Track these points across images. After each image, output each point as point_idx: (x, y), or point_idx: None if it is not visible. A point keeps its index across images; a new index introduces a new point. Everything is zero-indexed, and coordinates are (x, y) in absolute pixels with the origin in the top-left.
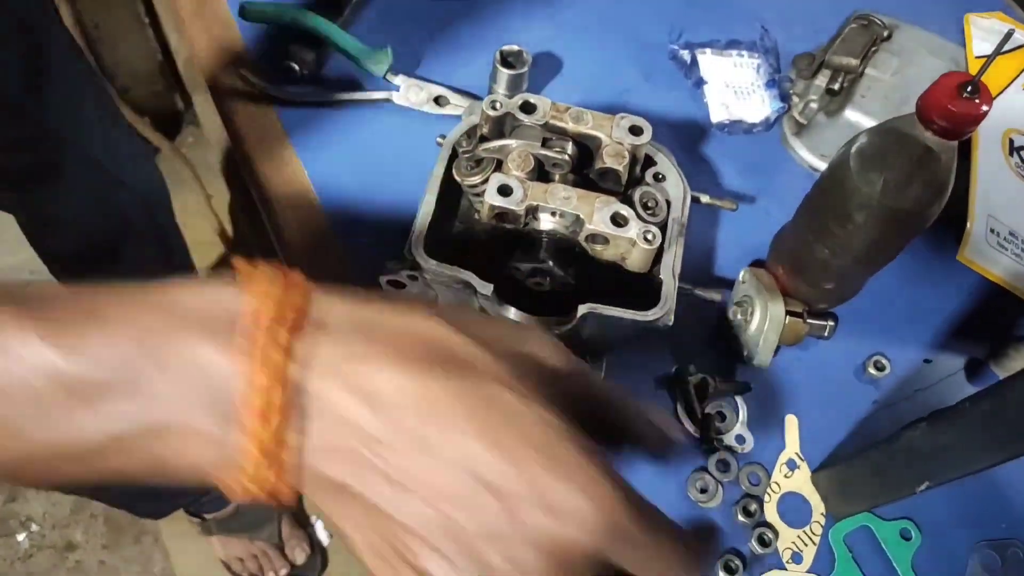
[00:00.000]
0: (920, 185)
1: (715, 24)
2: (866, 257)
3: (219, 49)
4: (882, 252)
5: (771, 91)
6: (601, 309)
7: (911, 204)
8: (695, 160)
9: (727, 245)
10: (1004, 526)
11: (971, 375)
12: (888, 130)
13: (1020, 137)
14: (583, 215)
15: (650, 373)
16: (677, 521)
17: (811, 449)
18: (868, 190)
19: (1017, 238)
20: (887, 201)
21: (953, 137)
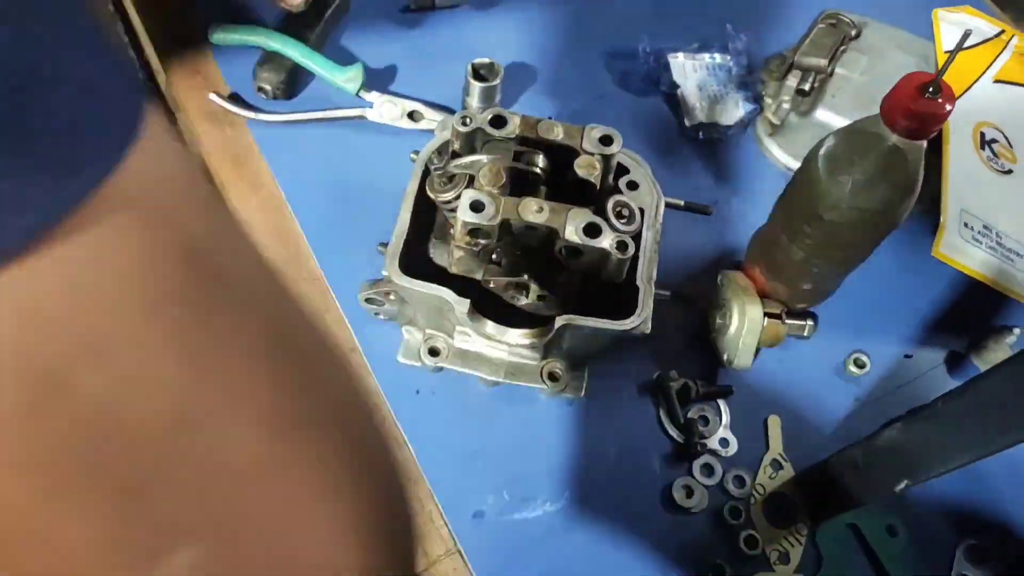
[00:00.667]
0: (889, 185)
1: (686, 28)
2: (840, 257)
3: (190, 72)
4: (856, 251)
5: (744, 93)
6: (578, 320)
7: (880, 204)
8: (670, 165)
9: (704, 249)
10: (988, 520)
11: (952, 368)
12: (855, 131)
13: (991, 130)
14: (556, 227)
15: (632, 379)
16: (663, 528)
17: (795, 449)
18: (837, 192)
19: (991, 231)
20: (856, 202)
21: (919, 137)
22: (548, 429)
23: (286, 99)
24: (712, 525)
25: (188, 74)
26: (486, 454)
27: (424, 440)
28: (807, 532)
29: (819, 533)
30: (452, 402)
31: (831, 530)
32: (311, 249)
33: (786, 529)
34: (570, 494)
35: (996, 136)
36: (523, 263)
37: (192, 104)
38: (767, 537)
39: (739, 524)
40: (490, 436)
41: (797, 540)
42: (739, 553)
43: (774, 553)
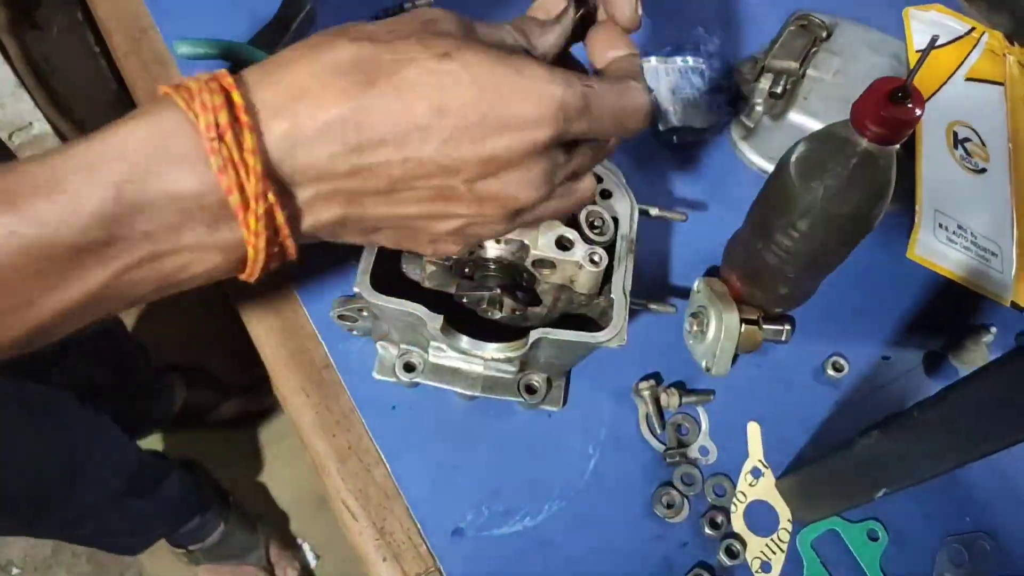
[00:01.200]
0: (860, 189)
1: (658, 31)
2: (815, 262)
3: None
4: (830, 256)
5: (717, 97)
6: (553, 334)
7: (852, 209)
8: (644, 171)
9: (681, 255)
10: (968, 520)
11: (930, 368)
12: (826, 136)
13: (964, 129)
14: (528, 240)
15: (611, 388)
16: (645, 539)
17: (775, 455)
18: (810, 197)
19: (966, 231)
20: (829, 207)
21: (889, 143)
22: (527, 442)
23: None
24: (694, 534)
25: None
26: (464, 470)
27: (401, 457)
28: (788, 539)
29: (800, 539)
30: (429, 418)
31: (812, 536)
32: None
33: (768, 537)
34: (550, 507)
35: (969, 135)
36: (495, 277)
37: None
38: (749, 545)
39: (720, 533)
40: (468, 451)
41: (779, 547)
42: (721, 563)
43: (756, 561)
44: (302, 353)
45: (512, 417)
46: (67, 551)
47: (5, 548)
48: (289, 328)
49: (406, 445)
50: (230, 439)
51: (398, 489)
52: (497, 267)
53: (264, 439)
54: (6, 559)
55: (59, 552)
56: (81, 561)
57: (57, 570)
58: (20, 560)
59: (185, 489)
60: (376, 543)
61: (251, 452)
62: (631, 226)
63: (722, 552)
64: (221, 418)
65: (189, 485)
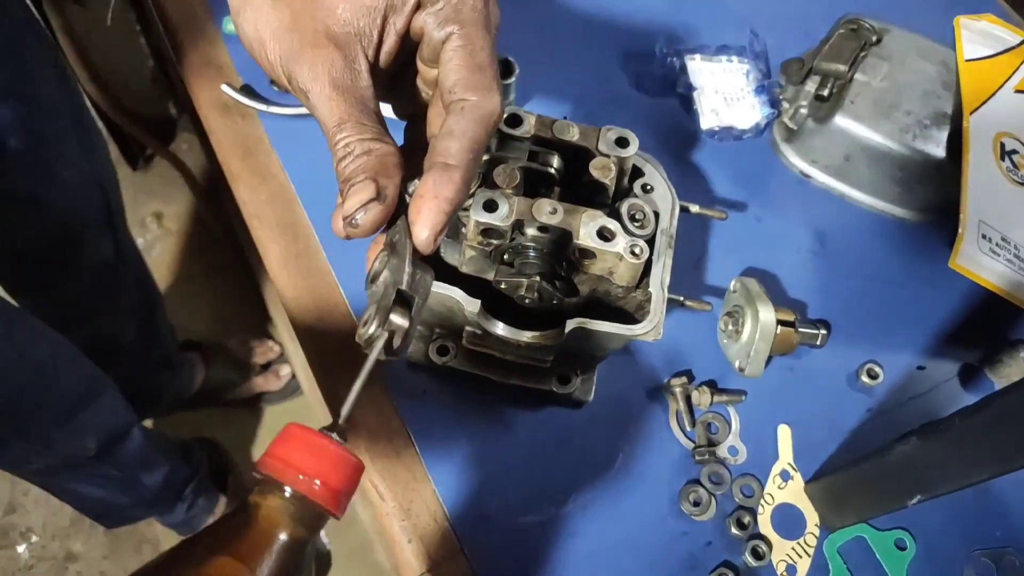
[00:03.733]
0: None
1: (704, 29)
2: None
3: (203, 63)
4: None
5: (761, 97)
6: (590, 324)
7: None
8: (685, 168)
9: (718, 254)
10: (999, 534)
11: (965, 381)
12: None
13: (1011, 140)
14: (570, 229)
15: (642, 384)
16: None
17: (805, 459)
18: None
19: (1009, 243)
20: None
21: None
22: (556, 432)
23: None
24: (719, 534)
25: (201, 64)
26: (493, 456)
27: (430, 441)
28: (815, 544)
29: (827, 545)
30: (460, 403)
31: (839, 542)
32: (320, 243)
33: (794, 540)
34: (576, 498)
35: (1016, 147)
36: (535, 264)
37: (204, 95)
38: (775, 548)
39: (747, 534)
40: (497, 438)
41: (805, 551)
42: (746, 563)
43: (781, 564)
44: (335, 332)
45: (543, 407)
46: (85, 521)
47: (24, 516)
48: (323, 306)
49: (436, 430)
50: (248, 419)
51: (427, 472)
52: (536, 255)
53: (283, 419)
54: (25, 526)
55: (78, 522)
56: (98, 532)
57: (74, 539)
58: (40, 528)
59: (174, 479)
60: (402, 524)
61: (269, 432)
62: (672, 221)
63: (748, 553)
64: (239, 397)
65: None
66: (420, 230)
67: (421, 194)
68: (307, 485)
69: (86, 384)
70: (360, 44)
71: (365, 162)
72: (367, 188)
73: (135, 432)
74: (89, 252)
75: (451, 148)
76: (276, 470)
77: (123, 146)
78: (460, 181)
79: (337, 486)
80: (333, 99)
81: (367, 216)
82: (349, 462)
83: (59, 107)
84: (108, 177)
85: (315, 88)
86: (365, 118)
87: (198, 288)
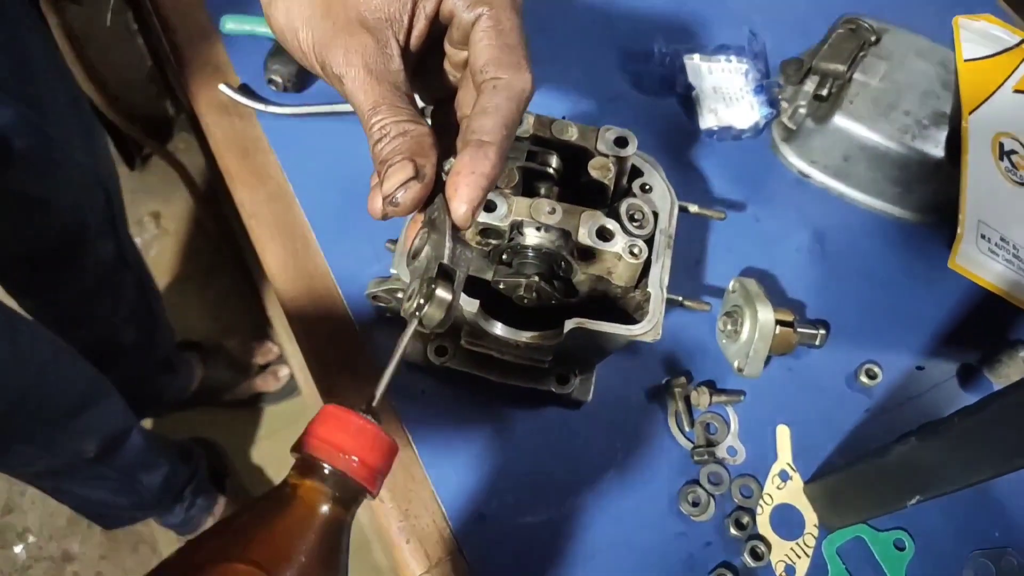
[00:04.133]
0: None
1: (703, 29)
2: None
3: (201, 62)
4: None
5: (760, 97)
6: (588, 324)
7: None
8: (683, 168)
9: (717, 254)
10: (997, 534)
11: (964, 381)
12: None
13: (1010, 140)
14: (569, 229)
15: (641, 384)
16: (668, 536)
17: (804, 459)
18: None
19: (1008, 243)
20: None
21: None
22: (554, 433)
23: (296, 92)
24: (718, 534)
25: (199, 64)
26: (491, 457)
27: (428, 441)
28: (814, 544)
29: (826, 545)
30: (458, 404)
31: (838, 542)
32: (318, 243)
33: (793, 541)
34: (575, 499)
35: (1015, 147)
36: (533, 264)
37: (202, 95)
38: (774, 548)
39: (745, 534)
40: (495, 438)
41: (804, 552)
42: (745, 564)
43: (780, 565)
44: (332, 333)
45: (541, 407)
46: (83, 522)
47: (21, 516)
48: (320, 307)
49: (434, 430)
50: (246, 419)
51: (425, 473)
52: (535, 255)
53: (281, 419)
54: (22, 526)
55: (75, 523)
56: (95, 532)
57: (71, 540)
58: (37, 528)
59: (173, 480)
60: (400, 525)
61: (268, 432)
62: (670, 221)
63: (746, 553)
64: (237, 398)
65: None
66: (458, 206)
67: (458, 171)
68: (346, 463)
69: (87, 386)
70: (391, 29)
71: (401, 143)
72: (405, 168)
73: (135, 433)
74: (90, 253)
75: (485, 125)
76: (316, 449)
77: (120, 146)
78: (495, 157)
79: (374, 464)
80: (367, 83)
81: (407, 195)
82: (385, 441)
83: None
84: (110, 177)
85: (349, 73)
86: (399, 101)
87: (196, 288)
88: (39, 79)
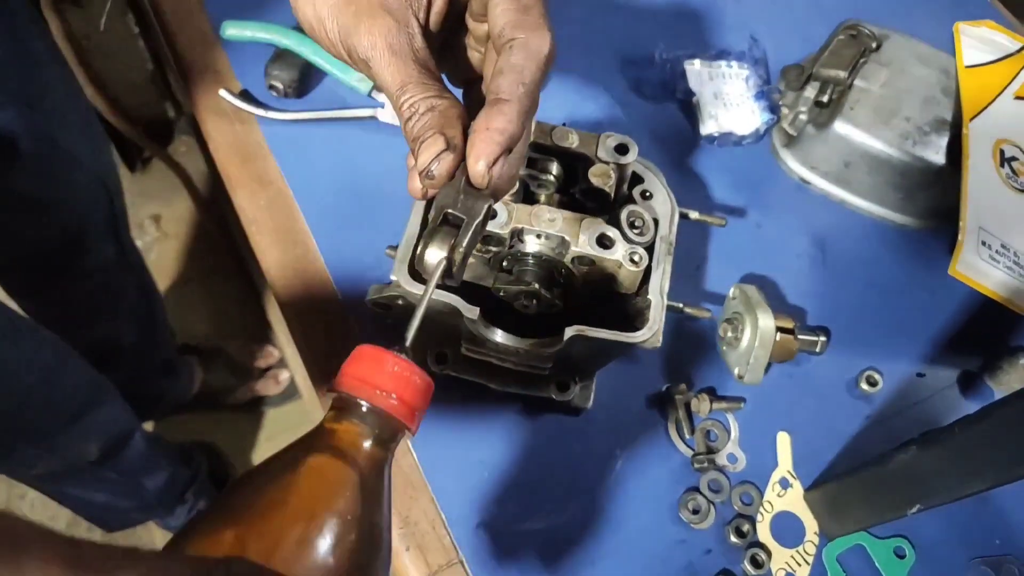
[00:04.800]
0: None
1: (703, 35)
2: None
3: (201, 67)
4: None
5: (760, 102)
6: (588, 331)
7: None
8: (684, 174)
9: (717, 260)
10: (998, 542)
11: (964, 388)
12: None
13: (1011, 147)
14: (569, 237)
15: (641, 391)
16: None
17: (804, 467)
18: None
19: (1009, 250)
20: None
21: None
22: (554, 440)
23: (297, 97)
24: (718, 542)
25: (199, 69)
26: (491, 464)
27: (428, 449)
28: (815, 552)
29: (826, 553)
30: (457, 411)
31: (839, 550)
32: (319, 249)
33: (793, 548)
34: (575, 506)
35: (1016, 154)
36: (534, 272)
37: (202, 100)
38: (774, 556)
39: (746, 542)
40: (496, 446)
41: (804, 560)
42: (745, 572)
43: (780, 572)
44: (332, 338)
45: (541, 414)
46: (82, 525)
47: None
48: (321, 312)
49: (433, 437)
50: (246, 423)
51: (424, 480)
52: (535, 262)
53: (281, 423)
54: None
55: (74, 525)
56: (95, 535)
57: None
58: None
59: (175, 483)
60: (400, 532)
61: (268, 436)
62: (671, 228)
63: (747, 561)
64: (237, 401)
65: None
66: (473, 161)
67: (474, 129)
68: (384, 400)
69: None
70: (411, 9)
71: (430, 119)
72: (437, 141)
73: (137, 436)
74: (92, 255)
75: (501, 84)
76: (353, 387)
77: (121, 148)
78: (511, 112)
79: (412, 401)
80: (393, 64)
81: (441, 166)
82: (422, 377)
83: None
84: (112, 178)
85: (375, 55)
86: (425, 78)
87: (196, 291)
88: (42, 80)
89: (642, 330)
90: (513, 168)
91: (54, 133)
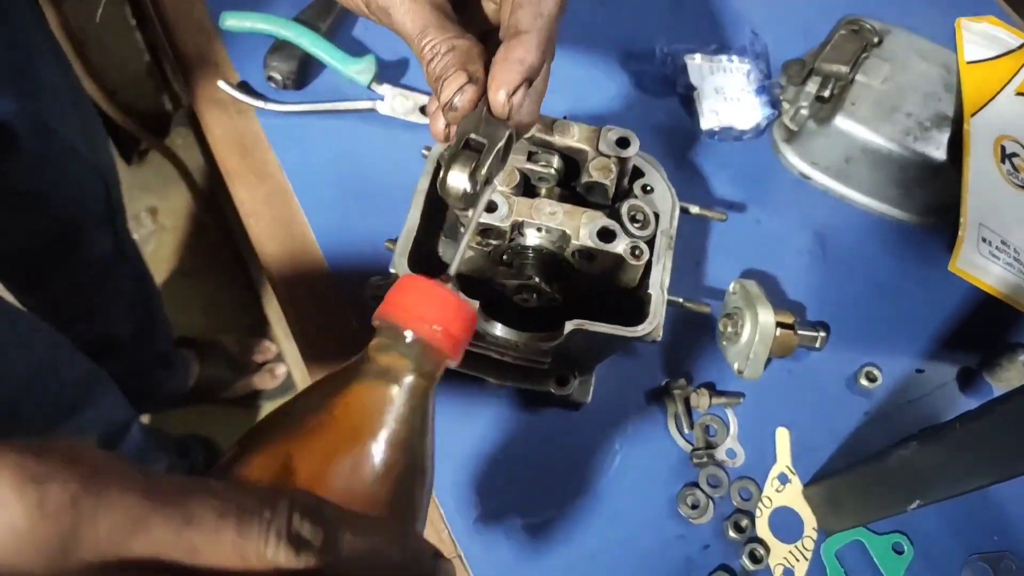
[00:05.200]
0: None
1: (704, 29)
2: None
3: (200, 58)
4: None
5: (761, 97)
6: (588, 325)
7: None
8: (685, 168)
9: (718, 255)
10: (996, 538)
11: (964, 384)
12: None
13: (1011, 144)
14: (569, 231)
15: (640, 386)
16: (667, 538)
17: (803, 462)
18: None
19: (1009, 247)
20: None
21: None
22: (553, 435)
23: (296, 89)
24: (717, 537)
25: (197, 60)
26: (490, 458)
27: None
28: (813, 547)
29: (825, 548)
30: (456, 405)
31: (837, 546)
32: (317, 241)
33: (792, 544)
34: (574, 501)
35: (1017, 150)
36: (534, 265)
37: (200, 91)
38: (772, 551)
39: (744, 537)
40: (494, 440)
41: (803, 555)
42: (743, 567)
43: (779, 568)
44: (331, 332)
45: (540, 409)
46: None
47: None
48: (319, 307)
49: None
50: (243, 417)
51: None
52: (536, 256)
53: None
54: None
55: None
56: None
57: None
58: None
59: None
60: None
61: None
62: (672, 222)
63: (745, 556)
64: (234, 395)
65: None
66: (494, 91)
67: (495, 61)
68: (428, 329)
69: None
70: None
71: (452, 58)
72: (459, 76)
73: (134, 429)
74: (89, 247)
75: (520, 17)
76: (397, 316)
77: (117, 141)
78: (530, 43)
79: (456, 331)
80: (412, 10)
81: (464, 97)
82: (465, 307)
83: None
84: (109, 170)
85: (394, 3)
86: (444, 21)
87: (193, 284)
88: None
89: (642, 324)
90: (533, 103)
91: (51, 124)
